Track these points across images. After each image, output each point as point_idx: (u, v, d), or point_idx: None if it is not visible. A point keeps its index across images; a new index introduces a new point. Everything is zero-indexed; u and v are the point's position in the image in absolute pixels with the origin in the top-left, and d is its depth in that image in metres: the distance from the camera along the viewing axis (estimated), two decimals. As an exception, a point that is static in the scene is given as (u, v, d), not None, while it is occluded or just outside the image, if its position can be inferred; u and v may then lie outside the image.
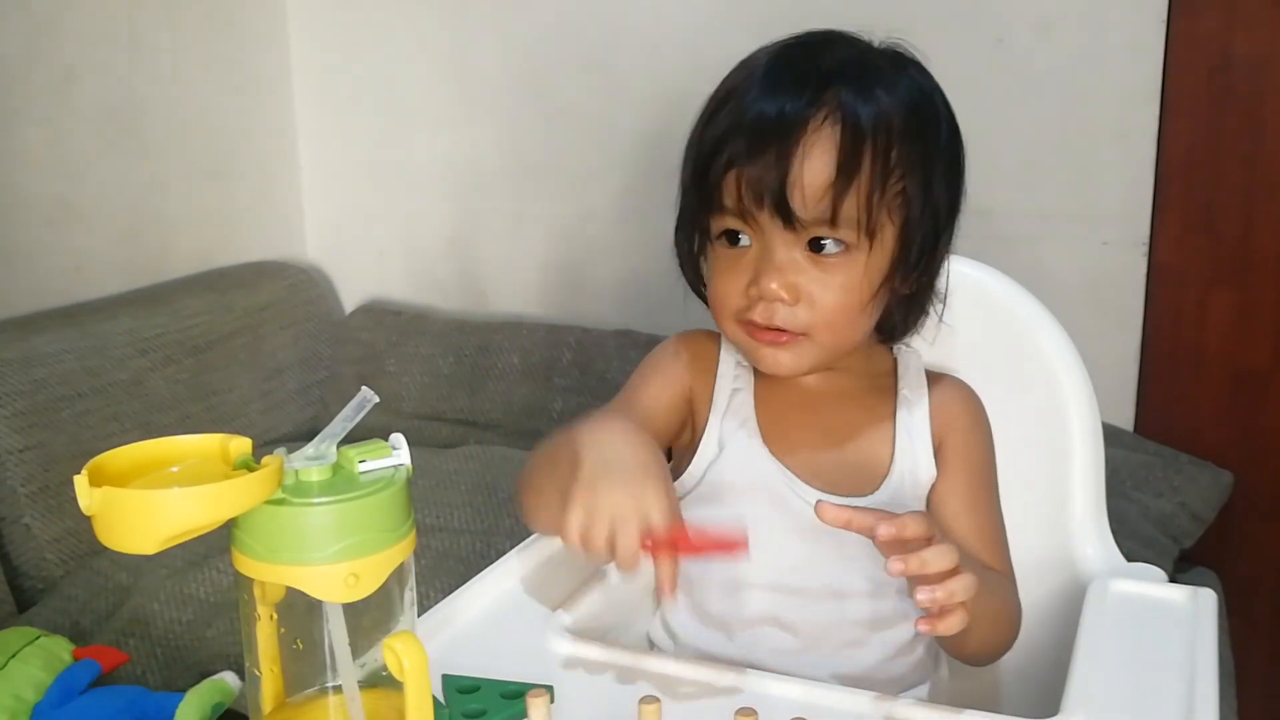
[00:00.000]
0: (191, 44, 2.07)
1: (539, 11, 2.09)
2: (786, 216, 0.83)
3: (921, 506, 0.93)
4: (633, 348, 1.99)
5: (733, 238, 0.87)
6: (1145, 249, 1.78)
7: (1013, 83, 1.79)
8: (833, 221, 0.83)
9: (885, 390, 0.96)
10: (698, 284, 0.95)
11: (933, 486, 0.93)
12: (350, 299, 2.37)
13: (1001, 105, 1.79)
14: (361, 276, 2.36)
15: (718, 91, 0.89)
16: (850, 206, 0.83)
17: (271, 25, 2.25)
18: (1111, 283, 1.79)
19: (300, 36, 2.28)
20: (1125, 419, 1.82)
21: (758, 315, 0.86)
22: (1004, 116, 1.79)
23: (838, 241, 0.84)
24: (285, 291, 2.15)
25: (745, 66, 0.89)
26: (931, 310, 0.95)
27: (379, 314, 2.23)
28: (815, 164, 0.82)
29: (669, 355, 0.98)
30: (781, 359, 0.88)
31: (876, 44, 0.90)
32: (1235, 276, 1.74)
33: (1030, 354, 1.03)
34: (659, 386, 0.95)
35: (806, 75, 0.85)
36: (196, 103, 2.09)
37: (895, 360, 0.98)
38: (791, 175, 0.82)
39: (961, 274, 1.01)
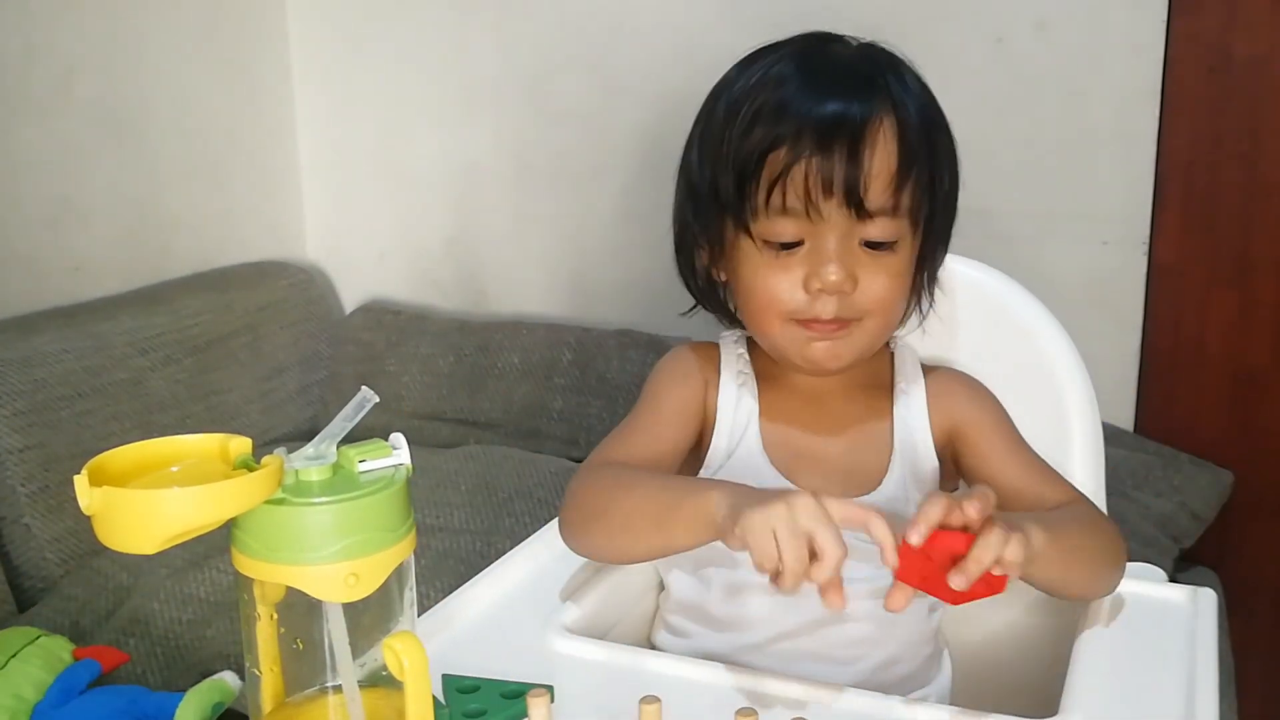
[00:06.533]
0: (191, 43, 2.07)
1: (539, 11, 2.09)
2: (858, 206, 0.84)
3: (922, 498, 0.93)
4: (633, 348, 1.99)
5: (782, 241, 0.86)
6: (1145, 249, 1.78)
7: (1013, 83, 1.79)
8: (894, 210, 0.85)
9: (882, 386, 0.96)
10: (711, 296, 0.95)
11: (966, 458, 0.93)
12: (350, 299, 2.37)
13: (1001, 105, 1.79)
14: (361, 276, 2.36)
15: (739, 109, 0.87)
16: (909, 196, 0.86)
17: (271, 25, 2.24)
18: (1111, 283, 1.79)
19: (300, 36, 2.28)
20: (1125, 419, 1.82)
21: (820, 310, 0.86)
22: (1004, 116, 1.79)
23: (890, 234, 0.86)
24: (285, 291, 2.15)
25: (762, 82, 0.87)
26: (933, 301, 0.96)
27: (379, 314, 2.23)
28: (881, 155, 0.84)
29: (674, 370, 0.97)
30: (838, 349, 0.89)
31: (855, 44, 0.91)
32: (1235, 276, 1.74)
33: (1030, 354, 1.03)
34: (672, 402, 0.95)
35: (850, 75, 0.87)
36: (196, 102, 2.09)
37: (892, 355, 0.98)
38: (863, 167, 0.84)
39: (962, 274, 1.02)
